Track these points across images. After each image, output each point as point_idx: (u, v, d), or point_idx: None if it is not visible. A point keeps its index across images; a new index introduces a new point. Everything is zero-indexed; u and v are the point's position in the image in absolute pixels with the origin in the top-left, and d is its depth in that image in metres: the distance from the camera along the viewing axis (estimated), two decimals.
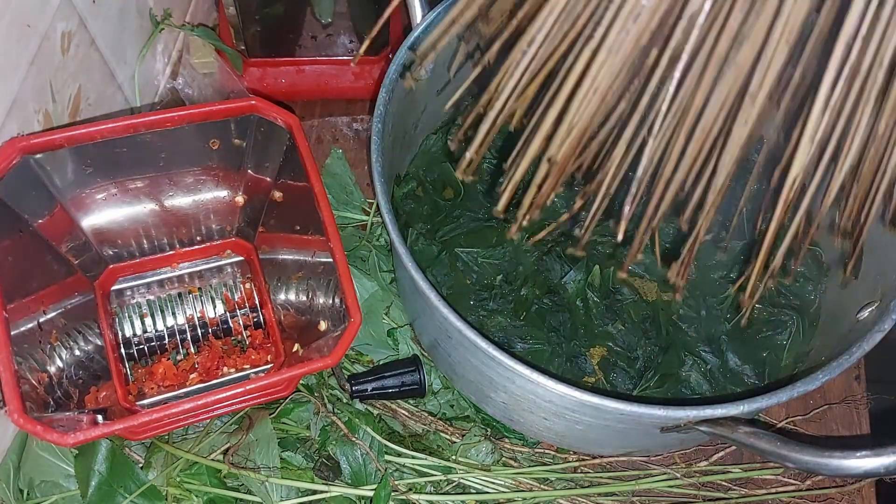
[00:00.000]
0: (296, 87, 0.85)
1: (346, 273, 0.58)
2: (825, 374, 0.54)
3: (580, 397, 0.52)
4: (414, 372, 0.67)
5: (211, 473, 0.62)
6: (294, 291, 0.69)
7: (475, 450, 0.66)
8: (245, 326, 0.70)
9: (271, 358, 0.68)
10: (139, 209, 0.67)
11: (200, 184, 0.68)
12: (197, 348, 0.68)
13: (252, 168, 0.67)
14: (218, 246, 0.72)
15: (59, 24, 0.60)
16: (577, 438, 0.65)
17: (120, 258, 0.69)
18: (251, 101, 0.62)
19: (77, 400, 0.61)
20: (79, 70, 0.64)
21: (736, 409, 0.52)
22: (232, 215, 0.71)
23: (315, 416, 0.64)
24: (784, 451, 0.49)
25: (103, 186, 0.64)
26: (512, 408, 0.63)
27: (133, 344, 0.68)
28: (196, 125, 0.62)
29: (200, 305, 0.70)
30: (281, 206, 0.68)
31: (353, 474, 0.62)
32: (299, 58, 0.84)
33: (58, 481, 0.60)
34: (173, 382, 0.66)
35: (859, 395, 0.74)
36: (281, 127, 0.63)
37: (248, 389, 0.55)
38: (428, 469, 0.65)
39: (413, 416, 0.68)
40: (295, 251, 0.68)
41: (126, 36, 0.71)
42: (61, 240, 0.64)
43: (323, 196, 0.61)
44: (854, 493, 0.70)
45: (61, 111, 0.62)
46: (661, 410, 0.52)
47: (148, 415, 0.52)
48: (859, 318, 0.62)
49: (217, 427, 0.64)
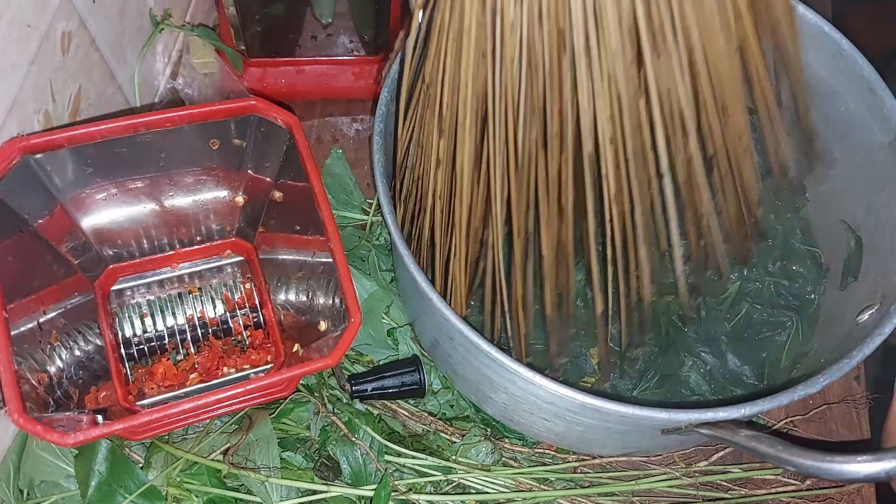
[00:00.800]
0: (296, 87, 0.85)
1: (345, 273, 0.58)
2: (825, 378, 0.54)
3: (582, 400, 0.52)
4: (414, 372, 0.67)
5: (211, 473, 0.62)
6: (294, 291, 0.69)
7: (475, 450, 0.66)
8: (245, 326, 0.70)
9: (271, 358, 0.68)
10: (139, 209, 0.67)
11: (200, 184, 0.68)
12: (197, 348, 0.68)
13: (252, 168, 0.67)
14: (218, 246, 0.72)
15: (60, 23, 0.60)
16: (577, 439, 0.65)
17: (120, 258, 0.69)
18: (251, 101, 0.62)
19: (77, 400, 0.61)
20: (79, 70, 0.64)
21: (737, 412, 0.52)
22: (232, 215, 0.71)
23: (315, 416, 0.64)
24: (785, 455, 0.49)
25: (103, 186, 0.64)
26: (512, 408, 0.63)
27: (133, 344, 0.68)
28: (196, 125, 0.62)
29: (200, 305, 0.70)
30: (281, 206, 0.68)
31: (353, 474, 0.62)
32: (299, 58, 0.84)
33: (58, 481, 0.60)
34: (173, 382, 0.66)
35: (859, 395, 0.74)
36: (281, 127, 0.63)
37: (248, 389, 0.55)
38: (428, 469, 0.65)
39: (413, 417, 0.68)
40: (295, 251, 0.68)
41: (126, 36, 0.71)
42: (61, 240, 0.64)
43: (323, 196, 0.61)
44: (854, 494, 0.70)
45: (61, 111, 0.62)
46: (663, 413, 0.52)
47: (148, 415, 0.52)
48: (859, 321, 0.62)
49: (217, 427, 0.64)
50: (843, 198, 0.71)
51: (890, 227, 0.64)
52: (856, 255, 0.68)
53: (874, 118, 0.66)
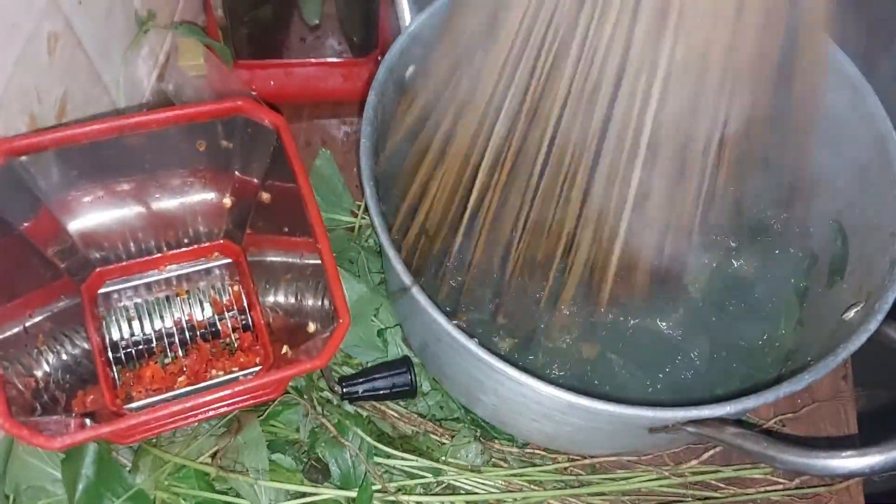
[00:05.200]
0: (284, 89, 0.85)
1: (334, 275, 0.58)
2: (811, 375, 0.54)
3: (569, 399, 0.52)
4: (405, 373, 0.67)
5: (199, 477, 0.61)
6: (283, 293, 0.69)
7: (465, 451, 0.66)
8: (233, 329, 0.70)
9: (260, 360, 0.68)
10: (126, 212, 0.67)
11: (188, 186, 0.68)
12: (185, 351, 0.68)
13: (239, 169, 0.67)
14: (206, 248, 0.72)
15: (45, 24, 0.59)
16: (566, 440, 0.65)
17: (107, 261, 0.69)
18: (237, 101, 0.62)
19: (64, 404, 0.61)
20: (65, 71, 0.64)
21: (722, 409, 0.52)
22: (219, 217, 0.70)
23: (304, 418, 0.64)
24: (771, 452, 0.50)
25: (89, 189, 0.64)
26: (501, 410, 0.63)
27: (121, 347, 0.67)
28: (182, 126, 0.62)
29: (188, 308, 0.70)
30: (269, 207, 0.68)
31: (342, 476, 0.62)
32: (288, 60, 0.84)
33: (44, 486, 0.60)
34: (161, 386, 0.66)
35: (847, 392, 0.74)
36: (268, 128, 0.63)
37: (236, 391, 0.55)
38: (417, 470, 0.65)
39: (403, 418, 0.68)
40: (283, 253, 0.68)
41: (113, 37, 0.71)
42: (47, 243, 0.63)
43: (311, 197, 0.60)
44: (842, 492, 0.70)
45: (47, 113, 0.62)
46: (649, 412, 0.52)
47: (135, 417, 0.52)
48: (845, 319, 0.62)
49: (206, 430, 0.64)
50: (828, 196, 0.71)
51: (874, 226, 0.64)
52: (842, 253, 0.68)
53: (857, 115, 0.66)
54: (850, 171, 0.68)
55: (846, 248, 0.68)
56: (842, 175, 0.69)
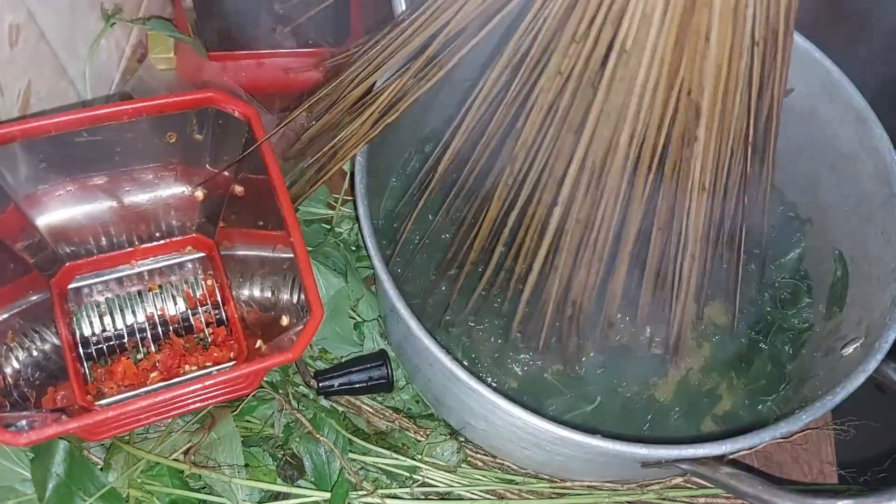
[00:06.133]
0: (257, 80, 0.84)
1: (306, 267, 0.57)
2: (808, 415, 0.53)
3: (561, 434, 0.51)
4: (381, 366, 0.66)
5: (173, 474, 0.60)
6: (258, 288, 0.68)
7: (440, 448, 0.65)
8: (207, 324, 0.69)
9: (234, 355, 0.67)
10: (97, 206, 0.66)
11: (159, 179, 0.67)
12: (157, 347, 0.67)
13: (210, 162, 0.66)
14: (178, 242, 0.71)
15: (7, 15, 0.58)
16: (557, 467, 0.65)
17: (77, 256, 0.68)
18: (207, 92, 0.61)
19: (34, 401, 0.60)
20: (28, 64, 0.62)
21: (718, 448, 0.52)
22: (192, 211, 0.70)
23: (279, 412, 0.63)
24: (766, 496, 0.50)
25: (59, 183, 0.63)
26: (492, 435, 0.63)
27: (92, 343, 0.66)
28: (151, 118, 0.61)
29: (161, 303, 0.69)
30: (242, 200, 0.67)
31: (316, 472, 0.61)
32: (259, 51, 0.83)
33: (13, 486, 0.59)
34: (133, 381, 0.65)
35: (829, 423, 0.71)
36: (239, 119, 0.62)
37: (208, 385, 0.54)
38: (393, 468, 0.64)
39: (378, 413, 0.68)
40: (257, 247, 0.67)
41: (78, 30, 0.70)
42: (16, 238, 0.62)
43: (283, 189, 0.60)
44: None
45: (10, 106, 0.61)
46: (644, 449, 0.51)
47: (104, 412, 0.51)
48: (844, 354, 0.62)
49: (179, 426, 0.63)
50: (830, 227, 0.70)
51: (875, 259, 0.63)
52: (842, 284, 0.68)
53: (863, 148, 0.65)
54: (853, 202, 0.67)
55: (847, 280, 0.67)
56: (845, 206, 0.68)
